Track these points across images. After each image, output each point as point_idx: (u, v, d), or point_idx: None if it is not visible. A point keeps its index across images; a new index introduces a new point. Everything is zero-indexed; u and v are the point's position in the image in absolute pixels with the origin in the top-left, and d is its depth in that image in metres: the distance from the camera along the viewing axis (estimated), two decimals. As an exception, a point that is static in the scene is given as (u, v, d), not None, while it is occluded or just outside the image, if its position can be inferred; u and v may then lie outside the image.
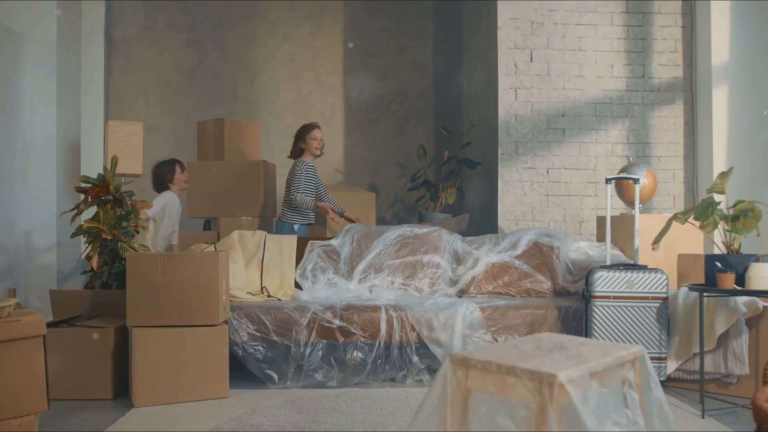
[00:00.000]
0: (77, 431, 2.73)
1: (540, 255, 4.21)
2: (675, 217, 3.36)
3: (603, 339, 3.34)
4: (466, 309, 3.58)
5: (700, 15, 5.08)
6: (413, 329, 3.53)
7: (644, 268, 3.39)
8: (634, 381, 1.84)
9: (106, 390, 3.22)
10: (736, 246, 3.25)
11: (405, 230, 4.31)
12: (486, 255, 4.20)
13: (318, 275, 4.07)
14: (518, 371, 1.60)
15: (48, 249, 4.76)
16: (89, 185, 3.90)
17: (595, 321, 3.36)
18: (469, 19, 6.37)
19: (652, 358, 3.28)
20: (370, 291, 3.99)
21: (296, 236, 4.30)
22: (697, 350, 3.27)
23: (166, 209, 4.82)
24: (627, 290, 3.34)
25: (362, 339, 3.52)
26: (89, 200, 3.92)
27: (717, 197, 3.40)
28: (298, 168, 4.68)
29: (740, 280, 3.08)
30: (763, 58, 4.85)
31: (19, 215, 4.65)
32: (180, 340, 3.15)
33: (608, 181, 3.72)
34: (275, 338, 3.49)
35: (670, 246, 4.03)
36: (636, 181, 3.73)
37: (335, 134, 6.66)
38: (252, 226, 4.77)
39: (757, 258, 3.10)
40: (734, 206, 3.20)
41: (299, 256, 4.23)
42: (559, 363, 1.63)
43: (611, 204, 4.61)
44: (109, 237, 3.75)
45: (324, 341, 3.53)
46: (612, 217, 4.25)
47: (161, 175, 4.93)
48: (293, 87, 6.65)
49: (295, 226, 4.67)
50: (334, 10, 6.69)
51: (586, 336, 3.43)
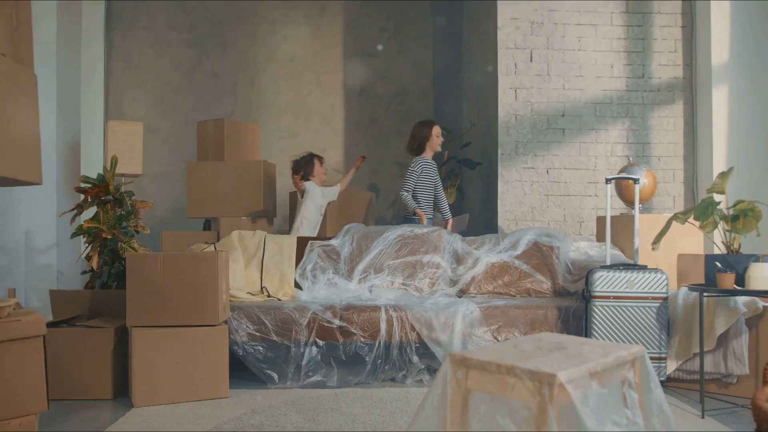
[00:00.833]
0: (77, 431, 2.73)
1: (540, 255, 4.21)
2: (675, 217, 3.36)
3: (603, 339, 3.34)
4: (466, 309, 3.58)
5: (700, 15, 5.08)
6: (413, 329, 3.53)
7: (644, 268, 3.39)
8: (634, 381, 1.84)
9: (106, 390, 3.22)
10: (736, 246, 3.25)
11: (405, 230, 4.31)
12: (486, 255, 4.20)
13: (318, 275, 4.08)
14: (518, 371, 1.60)
15: (48, 249, 4.76)
16: (89, 185, 3.90)
17: (595, 321, 3.36)
18: (469, 19, 6.37)
19: (652, 358, 3.28)
20: (370, 291, 3.99)
21: (296, 236, 4.30)
22: (697, 350, 3.27)
23: (314, 200, 4.88)
24: (627, 290, 3.34)
25: (362, 339, 3.52)
26: (89, 200, 3.92)
27: (717, 197, 3.40)
28: (414, 165, 4.70)
29: (740, 280, 3.08)
30: (763, 58, 4.85)
31: (19, 215, 4.65)
32: (180, 340, 3.15)
33: (608, 181, 3.72)
34: (275, 338, 3.49)
35: (670, 246, 4.03)
36: (636, 181, 3.73)
37: (335, 134, 6.66)
38: (252, 226, 4.77)
39: (757, 258, 3.10)
40: (734, 206, 3.20)
41: (299, 256, 4.23)
42: (559, 363, 1.63)
43: (611, 204, 4.61)
44: (109, 237, 3.76)
45: (324, 341, 3.53)
46: (612, 217, 4.25)
47: (306, 166, 4.94)
48: (293, 87, 6.66)
49: (417, 221, 4.71)
50: (334, 10, 6.69)
51: (586, 336, 3.43)
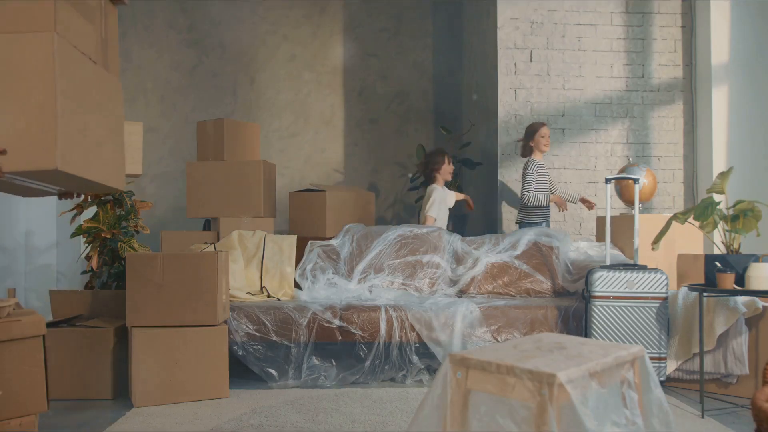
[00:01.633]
0: (77, 431, 2.73)
1: (540, 255, 4.21)
2: (675, 217, 3.36)
3: (603, 339, 3.34)
4: (466, 309, 3.58)
5: (700, 15, 5.08)
6: (413, 329, 3.53)
7: (644, 268, 3.39)
8: (634, 381, 1.84)
9: (106, 390, 3.22)
10: (736, 246, 3.25)
11: (405, 230, 4.31)
12: (486, 255, 4.20)
13: (318, 275, 4.08)
14: (518, 371, 1.60)
15: (48, 249, 4.76)
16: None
17: (595, 321, 3.36)
18: (469, 19, 6.37)
19: (652, 358, 3.28)
20: (370, 291, 3.99)
21: (296, 236, 4.30)
22: (697, 350, 3.27)
23: (441, 205, 4.81)
24: (627, 290, 3.34)
25: (362, 339, 3.52)
26: (89, 200, 3.92)
27: (717, 197, 3.40)
28: (529, 168, 4.63)
29: (740, 280, 3.08)
30: (763, 58, 4.85)
31: (19, 215, 4.65)
32: (180, 340, 3.15)
33: (608, 181, 3.72)
34: (275, 338, 3.49)
35: (670, 246, 4.03)
36: (636, 181, 3.73)
37: (335, 134, 6.66)
38: (252, 226, 4.77)
39: (757, 258, 3.10)
40: (734, 206, 3.20)
41: (299, 256, 4.23)
42: (559, 363, 1.63)
43: (611, 204, 4.61)
44: (109, 237, 3.76)
45: (324, 341, 3.54)
46: (612, 217, 4.25)
47: (430, 164, 4.90)
48: (293, 87, 6.66)
49: (542, 225, 4.66)
50: (334, 10, 6.69)
51: (586, 336, 3.43)
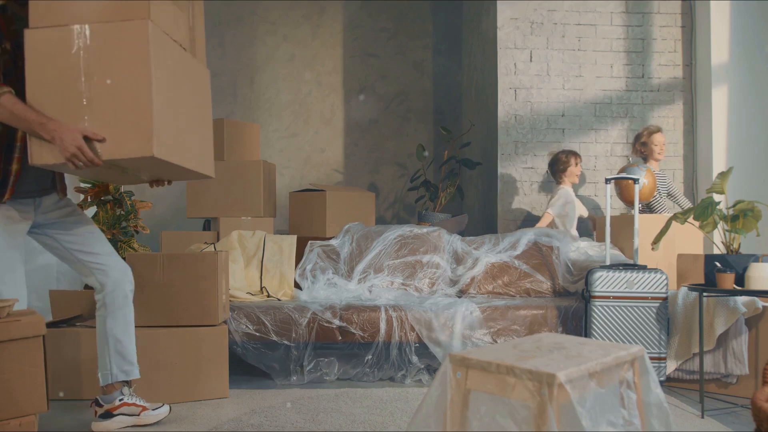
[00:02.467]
0: (77, 431, 2.73)
1: (539, 255, 4.21)
2: (675, 217, 3.36)
3: (602, 339, 3.34)
4: (466, 309, 3.58)
5: (700, 15, 5.09)
6: (413, 329, 3.53)
7: (644, 268, 3.39)
8: (633, 381, 1.84)
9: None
10: (736, 246, 3.25)
11: (404, 230, 4.32)
12: (485, 255, 4.20)
13: (318, 275, 4.08)
14: (518, 371, 1.60)
15: (48, 249, 4.75)
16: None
17: (595, 321, 3.36)
18: (469, 19, 6.37)
19: (652, 358, 3.28)
20: (370, 291, 3.99)
21: (296, 236, 4.30)
22: (697, 350, 3.27)
23: (567, 206, 4.68)
24: (626, 290, 3.34)
25: (362, 339, 3.52)
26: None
27: (716, 197, 3.40)
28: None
29: (740, 280, 3.08)
30: (763, 58, 4.86)
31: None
32: (180, 340, 3.15)
33: (608, 181, 3.72)
34: (275, 338, 3.49)
35: (670, 246, 4.03)
36: (635, 181, 3.73)
37: (335, 134, 6.66)
38: (252, 226, 4.77)
39: (757, 258, 3.10)
40: (734, 206, 3.20)
41: (299, 256, 4.23)
42: (559, 363, 1.63)
43: (611, 204, 4.61)
44: (109, 237, 3.76)
45: (324, 341, 3.54)
46: (612, 217, 4.25)
47: (557, 163, 4.76)
48: (293, 87, 6.66)
49: None
50: (334, 10, 6.69)
51: (586, 336, 3.43)
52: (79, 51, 2.14)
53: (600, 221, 4.60)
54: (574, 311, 3.62)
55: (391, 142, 6.69)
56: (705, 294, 3.10)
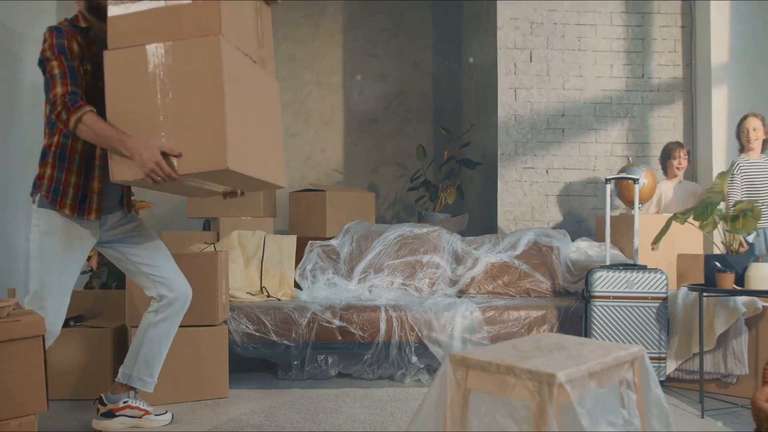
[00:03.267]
0: (77, 431, 2.73)
1: (539, 255, 4.21)
2: (675, 217, 3.37)
3: (602, 339, 3.35)
4: (466, 309, 3.58)
5: (700, 15, 5.08)
6: (413, 329, 3.53)
7: (644, 268, 3.39)
8: (633, 381, 1.85)
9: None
10: (736, 246, 3.25)
11: (404, 230, 4.32)
12: (485, 255, 4.20)
13: (318, 275, 4.08)
14: (518, 371, 1.60)
15: (48, 249, 4.75)
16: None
17: (595, 321, 3.36)
18: (469, 19, 6.37)
19: (652, 358, 3.28)
20: (370, 291, 3.99)
21: (295, 236, 4.30)
22: (697, 350, 3.27)
23: (661, 201, 4.50)
24: (626, 290, 3.35)
25: (362, 339, 3.52)
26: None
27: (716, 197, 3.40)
28: (732, 166, 4.07)
29: (740, 280, 3.09)
30: (763, 58, 4.86)
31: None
32: (180, 340, 3.15)
33: (608, 181, 3.72)
34: (275, 338, 3.49)
35: (670, 246, 4.03)
36: (635, 181, 3.73)
37: (335, 134, 6.66)
38: (252, 226, 4.77)
39: (757, 258, 3.10)
40: (734, 206, 3.20)
41: (299, 256, 4.23)
42: (559, 363, 1.63)
43: (611, 204, 4.61)
44: (109, 237, 3.75)
45: (324, 341, 3.54)
46: (612, 217, 4.25)
47: (664, 154, 4.57)
48: (293, 87, 6.65)
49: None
50: (334, 10, 6.68)
51: (586, 336, 3.43)
52: (155, 69, 2.23)
53: (600, 221, 4.60)
54: (574, 311, 3.62)
55: (391, 142, 6.69)
56: (705, 294, 3.10)
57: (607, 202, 3.73)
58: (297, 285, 4.08)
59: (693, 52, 5.18)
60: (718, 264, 3.11)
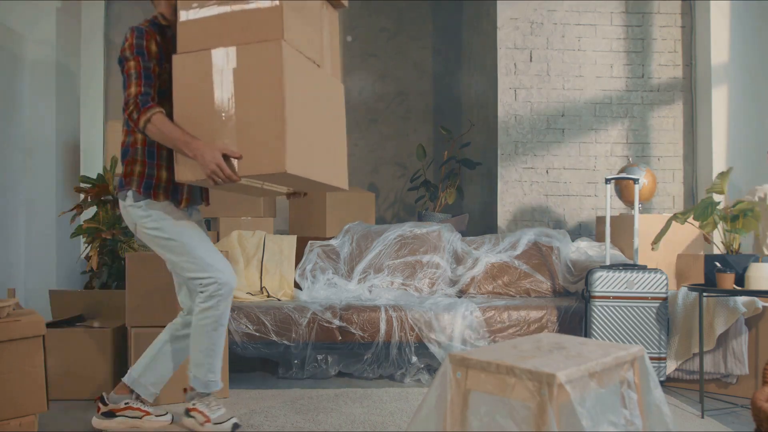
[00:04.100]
0: (77, 431, 2.73)
1: (539, 255, 4.21)
2: (674, 217, 3.37)
3: (602, 339, 3.34)
4: (466, 309, 3.58)
5: (700, 15, 5.08)
6: (413, 329, 3.53)
7: (644, 268, 3.39)
8: (633, 381, 1.85)
9: (106, 390, 3.21)
10: (736, 246, 3.25)
11: (404, 230, 4.31)
12: (485, 255, 4.20)
13: (317, 275, 4.08)
14: (518, 371, 1.60)
15: (48, 249, 4.75)
16: (89, 185, 3.90)
17: (595, 321, 3.36)
18: (469, 19, 6.37)
19: (652, 358, 3.28)
20: (370, 291, 3.99)
21: (295, 237, 4.30)
22: (697, 350, 3.27)
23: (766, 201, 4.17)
24: (626, 290, 3.35)
25: (362, 339, 3.52)
26: (89, 200, 3.93)
27: (716, 197, 3.40)
28: None
29: (740, 280, 3.08)
30: (763, 58, 4.85)
31: (19, 215, 4.65)
32: (180, 340, 3.15)
33: (608, 181, 3.72)
34: (275, 338, 3.49)
35: (670, 246, 4.03)
36: (635, 181, 3.73)
37: (335, 134, 6.65)
38: (252, 226, 4.77)
39: (757, 258, 3.10)
40: (734, 206, 3.20)
41: (299, 257, 4.23)
42: (559, 363, 1.63)
43: (611, 204, 4.61)
44: (109, 237, 3.76)
45: (324, 341, 3.54)
46: (612, 217, 4.25)
47: None
48: (293, 87, 6.65)
49: None
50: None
51: (586, 336, 3.43)
52: (219, 73, 2.30)
53: (600, 221, 4.60)
54: (574, 311, 3.62)
55: (391, 142, 6.69)
56: (705, 294, 3.10)
57: (607, 202, 3.73)
58: (297, 285, 4.08)
59: (693, 52, 5.18)
60: (718, 264, 3.11)
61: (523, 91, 5.18)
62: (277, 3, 2.26)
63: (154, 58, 2.47)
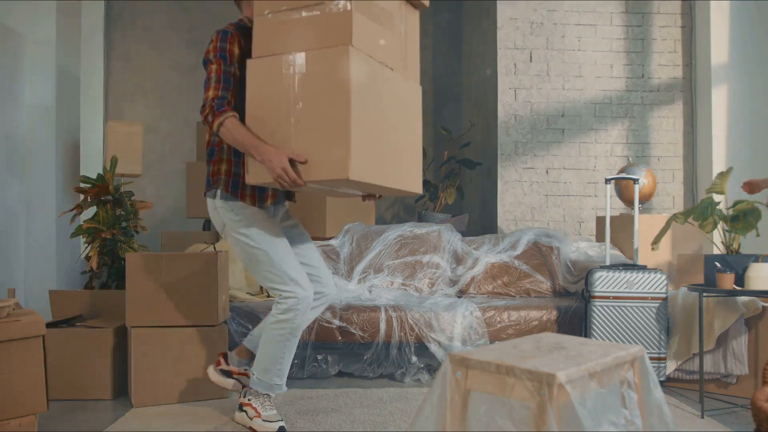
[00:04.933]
0: (77, 431, 2.73)
1: (539, 255, 4.21)
2: (675, 217, 3.37)
3: (602, 339, 3.34)
4: (466, 309, 3.58)
5: (700, 15, 5.09)
6: (413, 329, 3.53)
7: (644, 269, 3.39)
8: (633, 381, 1.85)
9: (106, 390, 3.21)
10: (736, 246, 3.25)
11: (404, 230, 4.31)
12: (485, 255, 4.20)
13: (318, 275, 4.08)
14: (518, 371, 1.60)
15: (48, 249, 4.75)
16: (89, 185, 3.90)
17: (595, 321, 3.36)
18: (469, 19, 6.37)
19: (652, 359, 3.28)
20: (370, 291, 3.99)
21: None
22: (697, 350, 3.27)
23: None
24: (626, 290, 3.34)
25: (362, 339, 3.52)
26: (89, 200, 3.92)
27: (716, 197, 3.40)
28: None
29: (740, 280, 3.08)
30: (763, 58, 4.86)
31: (19, 215, 4.65)
32: (180, 340, 3.15)
33: (608, 181, 3.72)
34: (275, 338, 3.49)
35: (670, 246, 4.03)
36: (635, 181, 3.73)
37: (335, 134, 6.66)
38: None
39: (757, 258, 3.10)
40: (734, 206, 3.21)
41: (299, 256, 4.22)
42: (559, 363, 1.63)
43: (611, 204, 4.61)
44: (109, 237, 3.76)
45: (323, 341, 3.54)
46: (612, 217, 4.25)
47: None
48: (293, 87, 6.65)
49: None
50: (334, 10, 6.68)
51: (586, 336, 3.43)
52: (290, 78, 2.33)
53: (600, 221, 4.60)
54: (574, 311, 3.62)
55: (391, 142, 6.68)
56: (705, 294, 3.10)
57: (607, 202, 3.73)
58: (297, 285, 4.08)
59: (693, 52, 5.18)
60: (718, 264, 3.11)
61: (523, 91, 5.19)
62: (349, 8, 2.26)
63: (237, 62, 2.51)
